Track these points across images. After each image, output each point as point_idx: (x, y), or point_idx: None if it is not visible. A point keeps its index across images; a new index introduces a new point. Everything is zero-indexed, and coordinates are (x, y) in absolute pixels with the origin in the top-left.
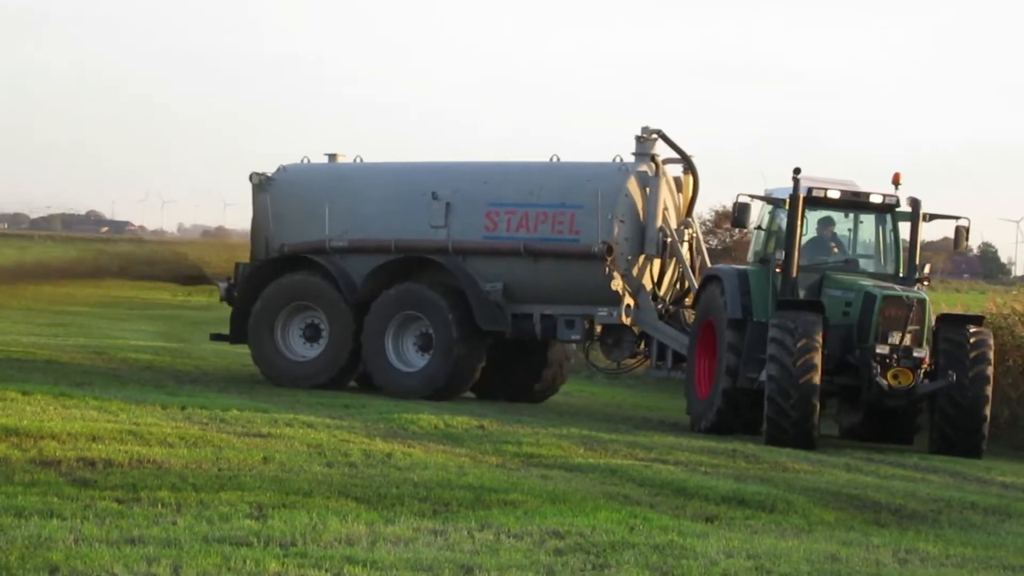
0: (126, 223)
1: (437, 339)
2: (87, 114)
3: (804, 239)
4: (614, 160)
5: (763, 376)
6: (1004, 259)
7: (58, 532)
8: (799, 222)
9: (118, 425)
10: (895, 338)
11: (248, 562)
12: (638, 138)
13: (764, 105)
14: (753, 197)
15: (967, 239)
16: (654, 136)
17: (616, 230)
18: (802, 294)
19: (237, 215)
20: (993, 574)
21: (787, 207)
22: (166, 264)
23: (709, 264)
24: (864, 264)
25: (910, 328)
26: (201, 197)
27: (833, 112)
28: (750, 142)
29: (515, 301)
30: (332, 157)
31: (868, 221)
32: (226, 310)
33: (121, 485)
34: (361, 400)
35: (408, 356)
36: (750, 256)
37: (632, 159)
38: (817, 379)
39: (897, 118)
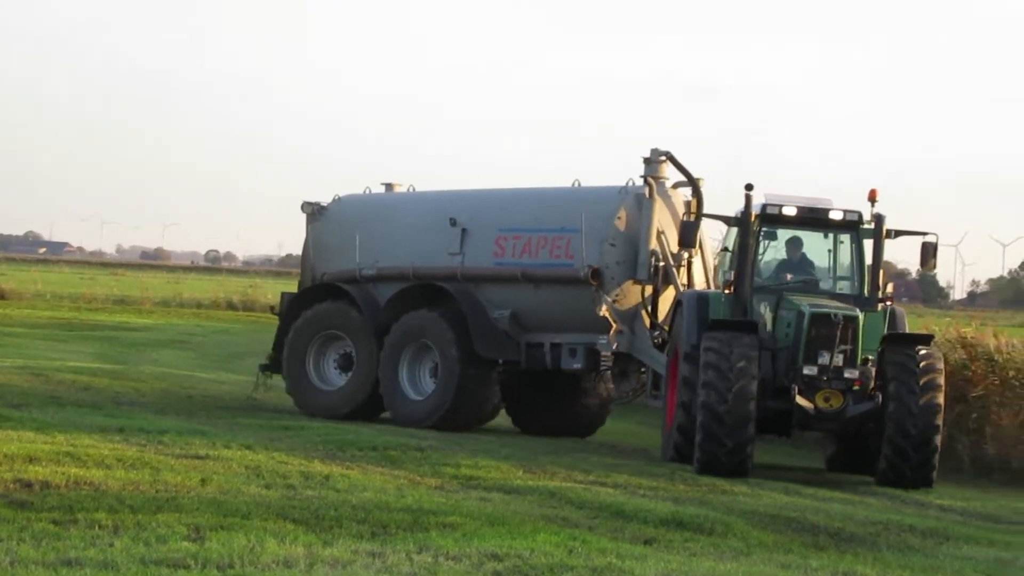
0: (64, 244)
1: (442, 368)
2: (28, 132)
3: (773, 260)
4: (626, 183)
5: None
6: (943, 283)
7: None
8: (751, 240)
9: (55, 447)
10: (825, 358)
11: None
12: (646, 160)
13: (739, 123)
14: (701, 216)
15: (935, 256)
16: (662, 158)
17: (606, 254)
18: (768, 317)
19: (176, 236)
20: None
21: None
22: None
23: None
24: (832, 284)
25: (840, 347)
26: (142, 218)
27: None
28: (723, 162)
29: (527, 330)
30: (388, 187)
31: (832, 239)
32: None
33: (58, 507)
34: (300, 422)
35: (423, 385)
36: (719, 279)
37: (641, 182)
38: (752, 392)
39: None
